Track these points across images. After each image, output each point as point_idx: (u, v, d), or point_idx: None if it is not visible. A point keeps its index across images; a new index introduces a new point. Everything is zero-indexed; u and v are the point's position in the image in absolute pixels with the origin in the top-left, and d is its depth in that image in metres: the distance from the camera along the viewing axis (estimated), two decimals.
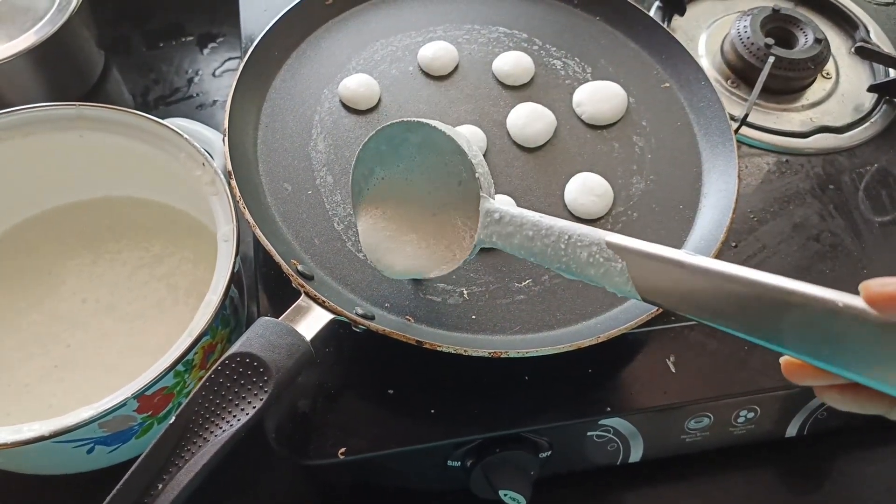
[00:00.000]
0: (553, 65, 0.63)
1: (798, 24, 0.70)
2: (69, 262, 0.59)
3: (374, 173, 0.47)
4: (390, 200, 0.46)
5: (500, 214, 0.40)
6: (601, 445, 0.52)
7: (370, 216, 0.47)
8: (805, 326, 0.27)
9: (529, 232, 0.39)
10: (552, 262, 0.38)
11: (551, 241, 0.37)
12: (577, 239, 0.36)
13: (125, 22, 0.84)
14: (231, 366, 0.39)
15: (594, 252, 0.35)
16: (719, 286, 0.30)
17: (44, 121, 0.54)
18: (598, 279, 0.35)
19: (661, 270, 0.32)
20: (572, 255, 0.36)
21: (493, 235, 0.40)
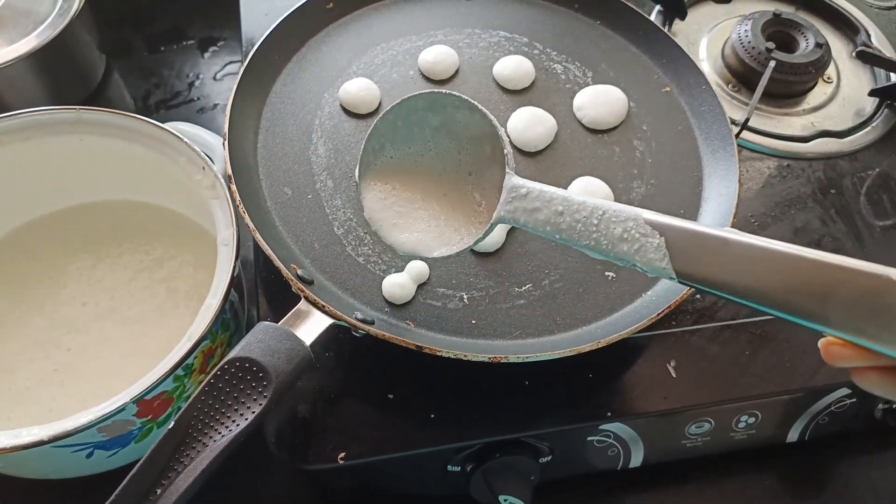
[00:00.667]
0: (554, 69, 0.63)
1: (799, 28, 0.70)
2: (70, 265, 0.59)
3: (385, 150, 0.46)
4: (400, 177, 0.46)
5: (527, 189, 0.39)
6: (602, 450, 0.52)
7: (378, 190, 0.46)
8: (853, 303, 0.26)
9: (559, 207, 0.38)
10: (580, 237, 0.36)
11: (583, 216, 0.36)
12: (613, 215, 0.35)
13: (126, 26, 0.84)
14: (230, 370, 0.39)
15: (630, 227, 0.34)
16: (765, 265, 0.29)
17: (44, 125, 0.54)
18: (629, 256, 0.34)
19: (703, 248, 0.31)
20: (604, 231, 0.35)
21: (517, 211, 0.39)
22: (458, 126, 0.43)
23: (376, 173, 0.46)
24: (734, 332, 0.54)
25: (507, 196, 0.40)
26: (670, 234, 0.33)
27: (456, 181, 0.44)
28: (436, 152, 0.44)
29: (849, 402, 0.54)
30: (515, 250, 0.52)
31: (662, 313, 0.46)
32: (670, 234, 0.33)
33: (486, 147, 0.42)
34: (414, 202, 0.45)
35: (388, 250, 0.51)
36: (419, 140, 0.45)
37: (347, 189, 0.54)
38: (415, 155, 0.45)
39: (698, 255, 0.32)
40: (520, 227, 0.40)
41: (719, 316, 0.55)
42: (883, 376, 0.28)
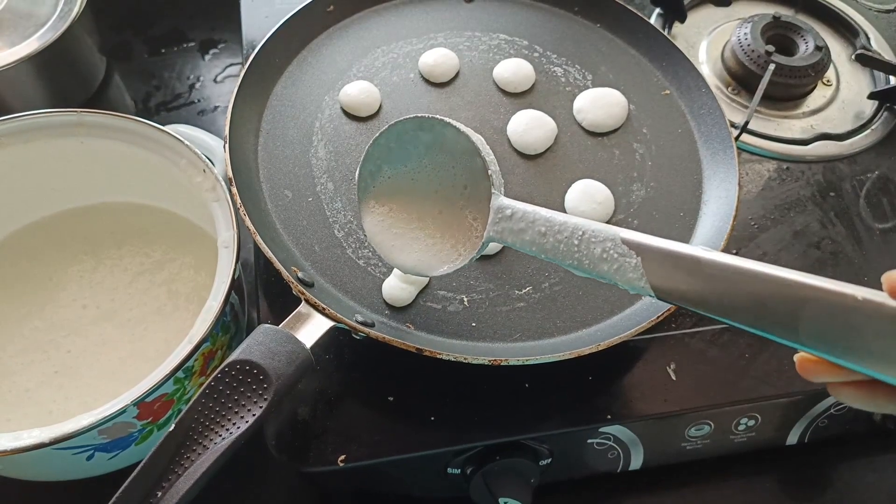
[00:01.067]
0: (554, 72, 0.63)
1: (798, 31, 0.70)
2: (70, 268, 0.59)
3: (382, 171, 0.46)
4: (396, 198, 0.46)
5: (511, 210, 0.40)
6: (601, 453, 0.52)
7: (377, 213, 0.46)
8: (822, 321, 0.27)
9: (542, 228, 0.39)
10: (564, 258, 0.37)
11: (564, 237, 0.37)
12: (591, 235, 0.36)
13: (127, 28, 0.84)
14: (231, 373, 0.39)
15: (608, 248, 0.35)
16: (736, 283, 0.30)
17: (45, 127, 0.54)
18: (610, 275, 0.35)
19: (677, 267, 0.32)
20: (585, 251, 0.36)
21: (504, 232, 0.40)
22: (449, 141, 0.43)
23: (375, 195, 0.46)
24: (734, 335, 0.54)
25: (495, 217, 0.41)
26: (646, 254, 0.34)
27: (451, 198, 0.44)
28: (431, 167, 0.45)
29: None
30: (515, 253, 0.52)
31: (662, 316, 0.46)
32: (646, 253, 0.34)
33: (477, 159, 0.43)
34: (410, 223, 0.45)
35: None
36: (414, 157, 0.45)
37: (348, 192, 0.54)
38: (412, 172, 0.46)
39: (673, 273, 0.32)
40: (509, 246, 0.41)
41: None
42: (858, 390, 0.29)
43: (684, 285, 0.32)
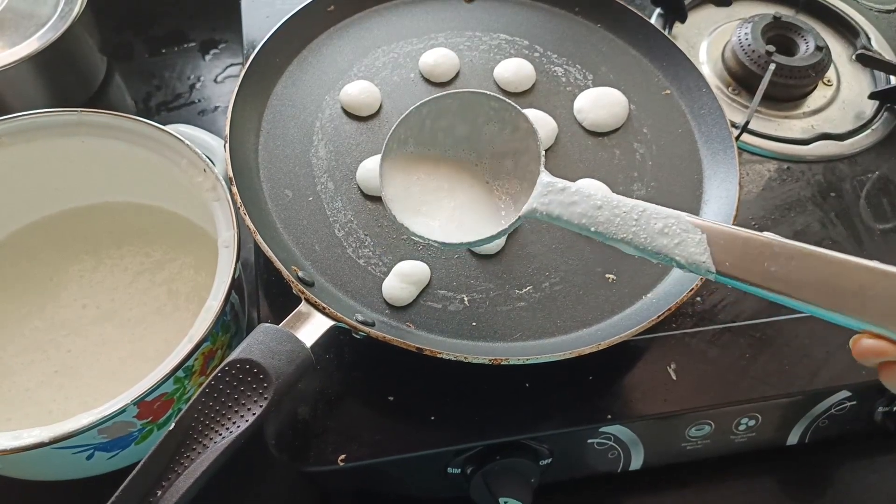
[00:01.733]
0: (554, 72, 0.63)
1: (799, 31, 0.70)
2: (70, 267, 0.59)
3: (408, 144, 0.46)
4: (424, 167, 0.46)
5: (563, 185, 0.40)
6: (602, 453, 0.52)
7: (402, 176, 0.46)
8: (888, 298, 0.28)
9: (598, 202, 0.38)
10: (618, 231, 0.37)
11: (622, 211, 0.37)
12: (653, 212, 0.36)
13: (128, 28, 0.84)
14: (231, 372, 0.39)
15: (671, 224, 0.35)
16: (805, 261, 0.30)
17: (46, 127, 0.54)
18: (669, 250, 0.35)
19: (745, 245, 0.32)
20: (644, 226, 0.36)
21: (552, 204, 0.40)
22: (483, 140, 0.44)
23: (402, 160, 0.46)
24: (734, 335, 0.54)
25: (543, 190, 0.41)
26: (711, 232, 0.34)
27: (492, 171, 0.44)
28: (454, 160, 0.45)
29: (849, 405, 0.54)
30: (516, 253, 0.52)
31: (663, 316, 0.46)
32: (711, 231, 0.34)
33: (507, 162, 0.43)
34: (440, 191, 0.45)
35: (389, 252, 0.51)
36: (440, 146, 0.45)
37: (348, 191, 0.54)
38: (434, 157, 0.46)
39: (739, 252, 0.33)
40: (552, 220, 0.40)
41: (719, 319, 0.55)
42: None
43: (750, 264, 0.32)
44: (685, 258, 0.35)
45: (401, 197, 0.45)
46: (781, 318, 0.54)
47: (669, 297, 0.49)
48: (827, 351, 0.53)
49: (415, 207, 0.45)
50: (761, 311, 0.55)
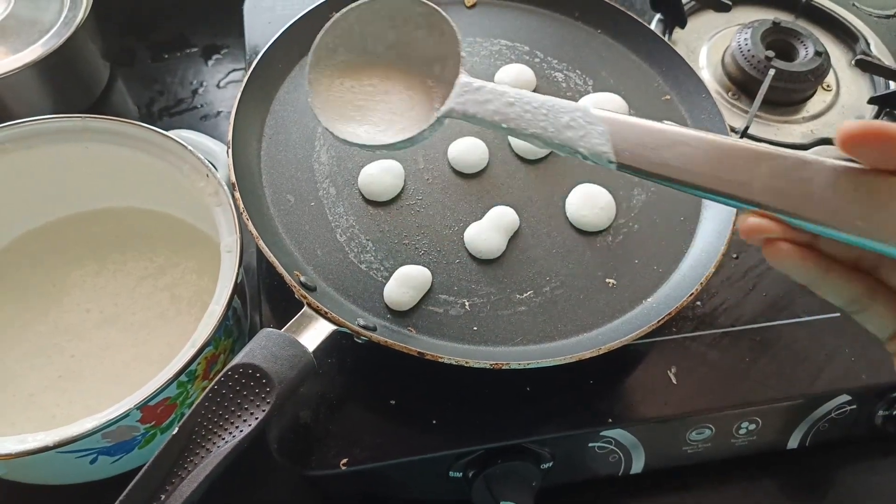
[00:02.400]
0: (554, 77, 0.63)
1: (798, 36, 0.71)
2: (74, 272, 0.59)
3: (338, 53, 0.46)
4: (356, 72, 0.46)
5: (479, 84, 0.41)
6: (603, 456, 0.52)
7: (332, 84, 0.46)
8: (775, 176, 0.29)
9: (510, 99, 0.39)
10: (528, 126, 0.38)
11: (532, 107, 0.38)
12: (561, 106, 0.37)
13: (130, 34, 0.84)
14: (234, 377, 0.39)
15: (576, 117, 0.36)
16: (698, 148, 0.32)
17: (50, 133, 0.54)
18: (574, 142, 0.36)
19: (641, 134, 0.34)
20: (552, 120, 0.37)
21: (468, 103, 0.41)
22: (412, 46, 0.44)
23: (331, 69, 0.46)
24: (734, 339, 0.54)
25: (459, 90, 0.41)
26: (613, 124, 0.35)
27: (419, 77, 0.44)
28: (386, 66, 0.45)
29: (849, 408, 0.54)
30: (517, 257, 0.52)
31: (663, 320, 0.46)
32: (613, 123, 0.35)
33: (436, 67, 0.43)
34: (374, 97, 0.46)
35: (390, 257, 0.51)
36: (371, 53, 0.45)
37: (350, 196, 0.54)
38: (366, 63, 0.46)
39: (637, 141, 0.34)
40: (468, 118, 0.41)
41: (719, 322, 0.55)
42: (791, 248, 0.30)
43: (647, 151, 0.33)
44: (588, 149, 0.36)
45: (333, 104, 0.45)
46: (781, 322, 0.55)
47: (670, 302, 0.49)
48: (827, 354, 0.53)
49: (347, 114, 0.45)
50: (761, 315, 0.55)
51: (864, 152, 0.27)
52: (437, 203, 0.55)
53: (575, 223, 0.54)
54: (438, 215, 0.54)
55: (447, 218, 0.54)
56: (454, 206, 0.54)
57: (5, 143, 0.53)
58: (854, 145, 0.27)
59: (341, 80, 0.46)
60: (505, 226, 0.53)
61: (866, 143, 0.26)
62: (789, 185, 0.29)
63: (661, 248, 0.54)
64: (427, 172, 0.56)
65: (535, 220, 0.54)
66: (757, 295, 0.56)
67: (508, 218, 0.53)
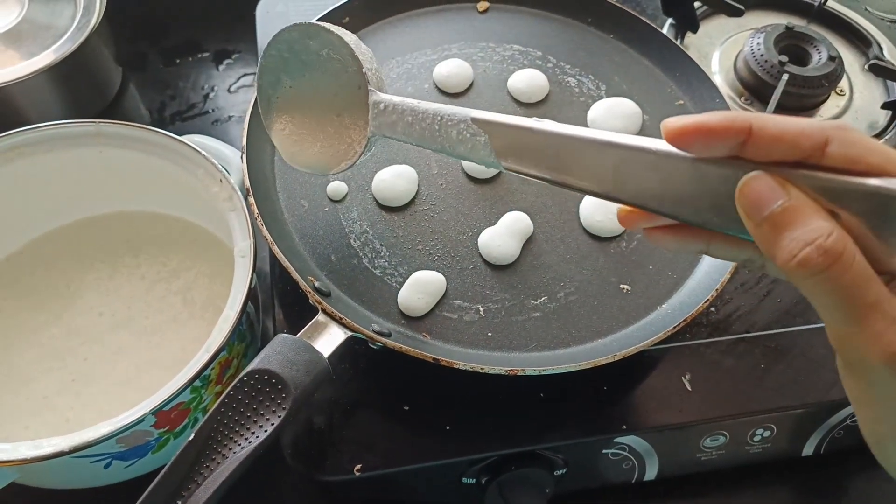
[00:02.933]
0: (567, 82, 0.63)
1: (811, 41, 0.70)
2: (87, 276, 0.59)
3: (282, 82, 0.47)
4: (298, 107, 0.47)
5: (384, 104, 0.42)
6: (616, 463, 0.52)
7: (281, 124, 0.48)
8: (633, 174, 0.31)
9: (409, 118, 0.41)
10: (431, 142, 0.40)
11: (427, 123, 0.40)
12: (448, 119, 0.39)
13: (142, 38, 0.85)
14: (250, 382, 0.39)
15: (462, 129, 0.38)
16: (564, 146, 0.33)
17: (65, 137, 0.54)
18: (467, 154, 0.38)
19: (517, 137, 0.35)
20: (445, 135, 0.39)
21: (383, 126, 0.42)
22: (336, 46, 0.45)
23: (279, 109, 0.48)
24: (749, 346, 0.54)
25: (372, 112, 0.43)
26: (491, 130, 0.37)
27: (350, 98, 0.45)
28: (329, 71, 0.46)
29: None
30: (531, 263, 0.52)
31: (678, 326, 0.46)
32: (491, 129, 0.37)
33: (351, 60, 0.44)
34: (311, 127, 0.47)
35: (405, 262, 0.51)
36: (311, 64, 0.46)
37: (363, 201, 0.54)
38: (311, 80, 0.46)
39: (514, 144, 0.36)
40: (390, 138, 0.43)
41: (734, 329, 0.55)
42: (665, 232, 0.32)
43: (522, 153, 0.35)
44: (479, 159, 0.37)
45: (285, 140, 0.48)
46: (797, 329, 0.54)
47: (684, 308, 0.49)
48: None
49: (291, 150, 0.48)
50: (776, 322, 0.55)
51: (690, 146, 0.29)
52: (451, 208, 0.54)
53: (589, 229, 0.54)
54: (452, 221, 0.54)
55: (461, 223, 0.54)
56: (468, 212, 0.54)
57: (21, 147, 0.54)
58: (679, 142, 0.29)
59: (284, 116, 0.48)
60: (519, 231, 0.53)
61: (688, 139, 0.29)
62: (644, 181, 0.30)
63: (673, 255, 0.53)
64: (441, 178, 0.56)
65: (549, 225, 0.54)
66: (771, 301, 0.56)
67: (522, 223, 0.53)
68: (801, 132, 0.27)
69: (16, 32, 0.66)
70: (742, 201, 0.28)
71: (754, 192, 0.28)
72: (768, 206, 0.27)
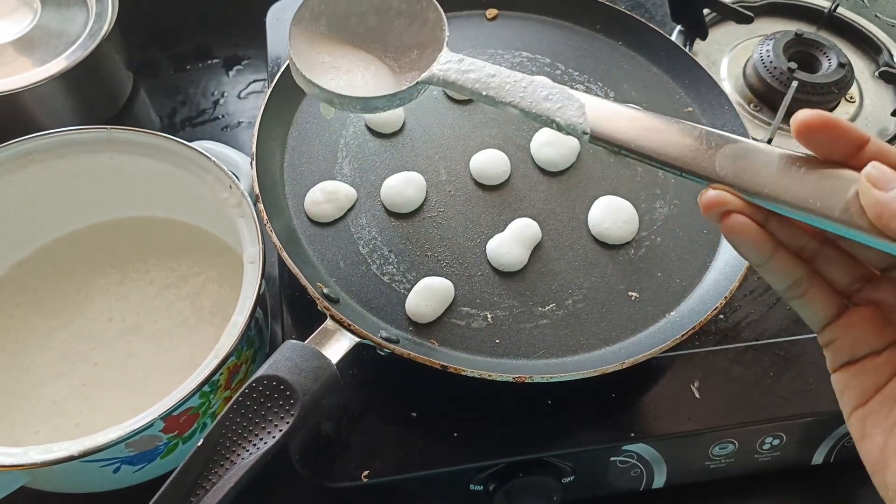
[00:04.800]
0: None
1: (821, 48, 0.70)
2: (97, 281, 0.60)
3: (320, 22, 0.47)
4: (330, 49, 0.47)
5: (462, 57, 0.43)
6: (624, 471, 0.52)
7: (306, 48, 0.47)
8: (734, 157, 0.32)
9: (492, 72, 0.41)
10: (506, 96, 0.40)
11: (513, 80, 0.40)
12: (542, 84, 0.39)
13: (153, 45, 0.85)
14: (258, 388, 0.39)
15: (554, 93, 0.38)
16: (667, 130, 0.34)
17: (76, 143, 0.55)
18: (551, 112, 0.38)
19: (617, 114, 0.36)
20: (531, 92, 0.39)
21: (450, 71, 0.42)
22: (391, 33, 0.46)
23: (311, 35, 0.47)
24: (758, 353, 0.54)
25: (442, 60, 0.43)
26: (589, 103, 0.37)
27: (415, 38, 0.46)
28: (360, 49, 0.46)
29: None
30: (539, 270, 0.52)
31: (687, 334, 0.46)
32: (589, 103, 0.37)
33: (412, 54, 0.45)
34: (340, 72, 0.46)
35: (413, 269, 0.51)
36: (351, 32, 0.47)
37: (372, 208, 0.54)
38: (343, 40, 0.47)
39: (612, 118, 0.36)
40: (447, 85, 0.42)
41: (743, 337, 0.54)
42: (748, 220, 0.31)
43: (622, 129, 0.35)
44: (564, 120, 0.37)
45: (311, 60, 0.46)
46: (806, 337, 0.54)
47: (693, 316, 0.49)
48: None
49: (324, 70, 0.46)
50: (785, 330, 0.55)
51: (813, 141, 0.29)
52: (459, 215, 0.55)
53: (597, 236, 0.54)
54: (460, 227, 0.54)
55: (469, 230, 0.54)
56: (476, 219, 0.54)
57: (33, 153, 0.54)
58: (805, 134, 0.29)
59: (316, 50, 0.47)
60: (527, 238, 0.53)
61: (814, 133, 0.29)
62: (747, 165, 0.31)
63: (683, 261, 0.53)
64: (449, 184, 0.56)
65: (557, 232, 0.54)
66: (781, 309, 0.56)
67: (531, 230, 0.53)
68: None
69: (28, 39, 0.67)
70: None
71: None
72: None
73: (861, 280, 0.32)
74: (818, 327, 0.33)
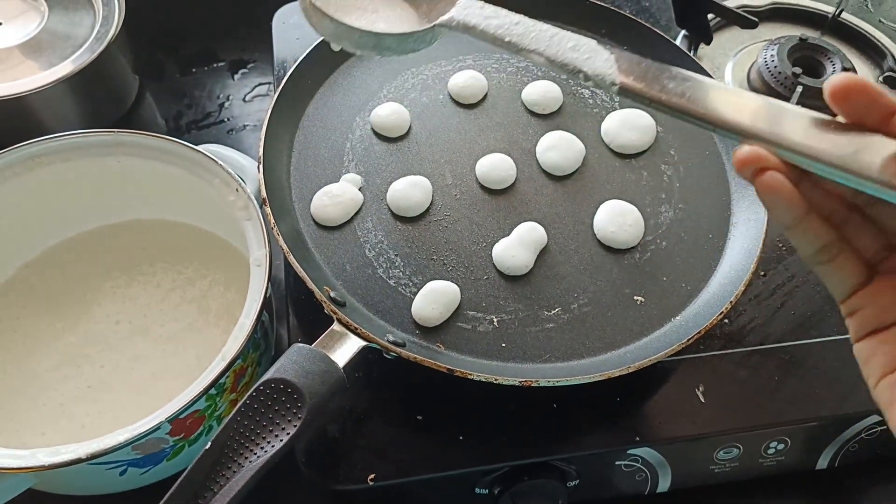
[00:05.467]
0: (581, 93, 0.63)
1: (825, 53, 0.70)
2: (104, 284, 0.60)
3: None
4: None
5: (483, 4, 0.41)
6: (629, 475, 0.52)
7: None
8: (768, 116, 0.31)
9: (517, 19, 0.39)
10: (530, 43, 0.38)
11: (539, 29, 0.38)
12: (567, 35, 0.37)
13: (159, 48, 0.86)
14: (266, 392, 0.40)
15: (582, 44, 0.37)
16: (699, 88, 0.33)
17: (84, 146, 0.55)
18: (578, 62, 0.36)
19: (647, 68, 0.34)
20: (557, 42, 0.37)
21: (471, 15, 0.40)
22: None
23: None
24: (763, 358, 0.54)
25: (464, 4, 0.41)
26: (618, 55, 0.36)
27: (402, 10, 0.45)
28: None
29: (879, 429, 0.53)
30: (545, 273, 0.52)
31: (693, 338, 0.46)
32: (618, 55, 0.36)
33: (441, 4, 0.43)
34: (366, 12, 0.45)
35: (419, 273, 0.51)
36: None
37: (378, 212, 0.55)
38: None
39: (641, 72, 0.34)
40: (468, 30, 0.40)
41: (748, 341, 0.54)
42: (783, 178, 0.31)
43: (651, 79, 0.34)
44: (592, 70, 0.36)
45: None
46: (811, 341, 0.54)
47: (699, 320, 0.49)
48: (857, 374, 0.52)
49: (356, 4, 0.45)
50: (790, 334, 0.55)
51: (848, 104, 0.29)
52: (465, 219, 0.55)
53: (603, 240, 0.54)
54: (466, 231, 0.54)
55: (475, 234, 0.54)
56: (482, 222, 0.55)
57: (41, 156, 0.55)
58: (841, 97, 0.29)
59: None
60: (533, 242, 0.53)
61: (851, 96, 0.29)
62: (781, 123, 0.30)
63: (689, 265, 0.53)
64: (455, 188, 0.56)
65: (562, 236, 0.54)
66: (786, 313, 0.56)
67: (536, 234, 0.53)
68: None
69: (35, 42, 0.67)
70: None
71: None
72: None
73: (888, 249, 0.32)
74: (844, 295, 0.33)
